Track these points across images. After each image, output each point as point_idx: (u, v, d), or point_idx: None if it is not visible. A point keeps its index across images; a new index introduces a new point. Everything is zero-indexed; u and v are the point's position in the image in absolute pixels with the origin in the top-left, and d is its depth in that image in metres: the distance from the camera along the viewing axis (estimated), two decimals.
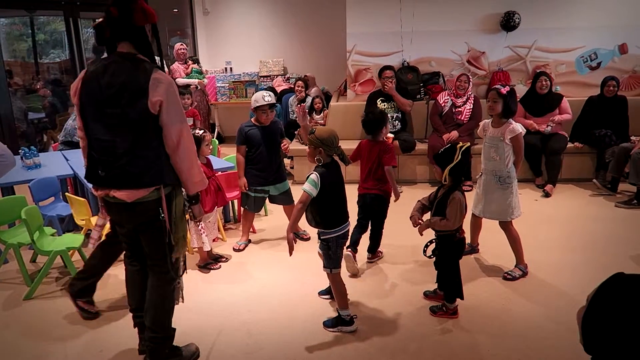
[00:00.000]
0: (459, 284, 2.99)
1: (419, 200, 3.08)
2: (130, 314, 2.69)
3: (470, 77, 5.74)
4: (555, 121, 5.42)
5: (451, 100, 5.68)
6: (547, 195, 5.26)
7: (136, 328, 2.65)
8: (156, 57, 2.32)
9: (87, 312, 3.05)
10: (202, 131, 3.72)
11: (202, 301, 3.28)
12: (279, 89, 7.26)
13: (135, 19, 2.16)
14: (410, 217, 3.00)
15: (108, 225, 2.80)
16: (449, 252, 2.95)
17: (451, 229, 2.86)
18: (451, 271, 2.97)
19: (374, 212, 3.67)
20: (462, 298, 3.00)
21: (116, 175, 2.23)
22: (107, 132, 2.20)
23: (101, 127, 2.21)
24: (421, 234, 2.96)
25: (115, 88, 2.15)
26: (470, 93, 5.71)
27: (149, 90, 2.12)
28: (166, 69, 6.43)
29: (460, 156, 2.84)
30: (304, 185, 2.70)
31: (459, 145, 2.88)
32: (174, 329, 2.58)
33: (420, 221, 2.97)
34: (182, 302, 2.64)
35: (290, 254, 2.74)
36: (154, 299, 2.47)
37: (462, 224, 2.93)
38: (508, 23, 6.03)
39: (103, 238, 3.03)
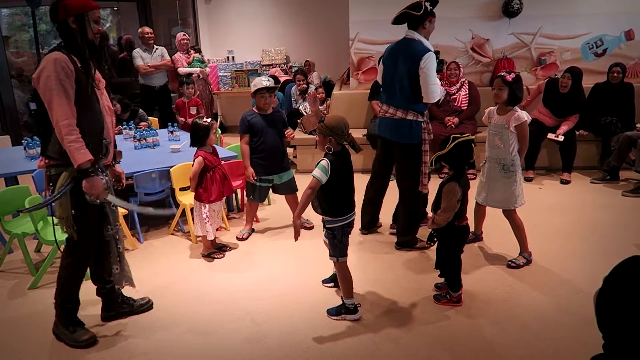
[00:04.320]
0: (456, 272, 2.99)
1: None
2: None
3: (460, 64, 5.71)
4: (562, 133, 5.31)
5: (444, 89, 5.66)
6: (565, 182, 5.26)
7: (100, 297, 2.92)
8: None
9: None
10: (209, 120, 3.71)
11: (206, 290, 3.29)
12: (281, 79, 7.23)
13: (58, 14, 2.44)
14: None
15: None
16: (447, 239, 2.94)
17: (449, 220, 2.85)
18: (449, 259, 2.96)
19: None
20: (459, 287, 3.00)
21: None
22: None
23: None
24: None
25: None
26: (463, 80, 5.69)
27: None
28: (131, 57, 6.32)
29: (452, 148, 2.83)
30: (313, 171, 2.69)
31: (453, 136, 2.87)
32: (72, 306, 2.75)
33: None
34: (132, 286, 2.85)
35: (296, 239, 2.75)
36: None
37: (462, 212, 2.91)
38: (508, 9, 5.98)
39: None
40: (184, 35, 6.98)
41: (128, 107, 5.78)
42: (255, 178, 3.98)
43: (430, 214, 3.03)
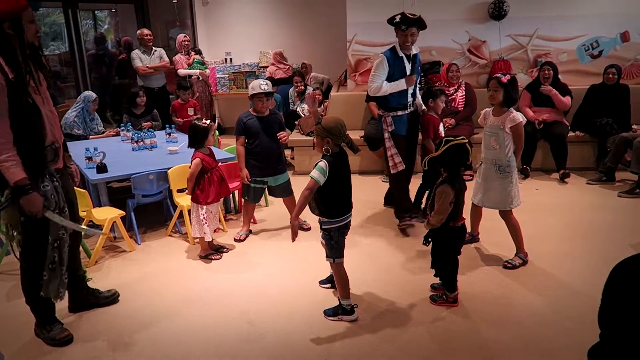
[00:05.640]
0: (451, 273, 3.00)
1: None
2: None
3: (458, 65, 5.76)
4: (550, 92, 5.45)
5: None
6: (566, 176, 5.31)
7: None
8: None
9: None
10: (208, 121, 3.73)
11: (204, 291, 3.30)
12: (276, 75, 7.19)
13: None
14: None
15: None
16: (442, 240, 2.95)
17: (443, 221, 2.86)
18: (444, 259, 2.98)
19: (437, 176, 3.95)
20: (455, 288, 3.02)
21: None
22: None
23: None
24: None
25: None
26: (461, 81, 5.73)
27: None
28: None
29: (444, 151, 2.84)
30: (311, 172, 2.70)
31: (446, 139, 2.88)
32: (41, 307, 2.76)
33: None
34: (54, 299, 2.67)
35: (293, 239, 2.76)
36: None
37: (457, 213, 2.92)
38: (488, 12, 6.07)
39: None
40: (185, 36, 6.98)
41: (150, 110, 5.95)
42: (250, 179, 4.00)
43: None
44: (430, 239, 2.98)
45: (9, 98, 2.33)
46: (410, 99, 4.15)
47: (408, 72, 4.05)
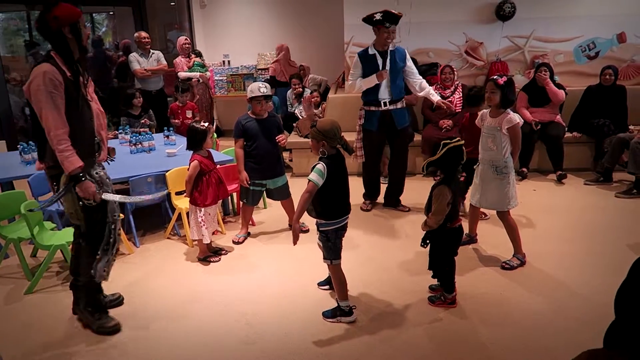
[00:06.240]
0: (449, 274, 3.00)
1: None
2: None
3: (454, 67, 5.75)
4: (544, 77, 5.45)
5: (439, 93, 5.69)
6: (562, 177, 5.34)
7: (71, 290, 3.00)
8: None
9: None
10: (206, 124, 3.74)
11: (202, 293, 3.30)
12: (279, 76, 7.19)
13: (51, 27, 2.52)
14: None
15: None
16: (440, 241, 2.96)
17: (440, 222, 2.87)
18: (442, 260, 2.98)
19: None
20: (453, 289, 3.02)
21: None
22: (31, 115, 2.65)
23: None
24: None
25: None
26: (457, 83, 5.72)
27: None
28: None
29: (443, 153, 2.84)
30: (310, 175, 2.71)
31: (443, 142, 2.88)
32: (94, 296, 2.92)
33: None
34: (99, 279, 2.82)
35: (295, 243, 2.77)
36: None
37: (454, 214, 2.93)
38: (499, 12, 6.06)
39: None
40: (186, 39, 6.99)
41: (147, 109, 5.97)
42: (249, 182, 4.00)
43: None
44: (428, 241, 2.98)
45: (68, 94, 2.54)
46: (385, 96, 4.33)
47: (381, 68, 4.25)
